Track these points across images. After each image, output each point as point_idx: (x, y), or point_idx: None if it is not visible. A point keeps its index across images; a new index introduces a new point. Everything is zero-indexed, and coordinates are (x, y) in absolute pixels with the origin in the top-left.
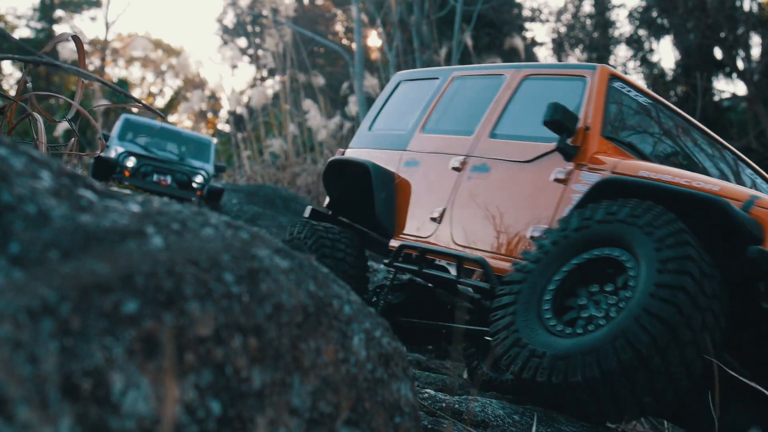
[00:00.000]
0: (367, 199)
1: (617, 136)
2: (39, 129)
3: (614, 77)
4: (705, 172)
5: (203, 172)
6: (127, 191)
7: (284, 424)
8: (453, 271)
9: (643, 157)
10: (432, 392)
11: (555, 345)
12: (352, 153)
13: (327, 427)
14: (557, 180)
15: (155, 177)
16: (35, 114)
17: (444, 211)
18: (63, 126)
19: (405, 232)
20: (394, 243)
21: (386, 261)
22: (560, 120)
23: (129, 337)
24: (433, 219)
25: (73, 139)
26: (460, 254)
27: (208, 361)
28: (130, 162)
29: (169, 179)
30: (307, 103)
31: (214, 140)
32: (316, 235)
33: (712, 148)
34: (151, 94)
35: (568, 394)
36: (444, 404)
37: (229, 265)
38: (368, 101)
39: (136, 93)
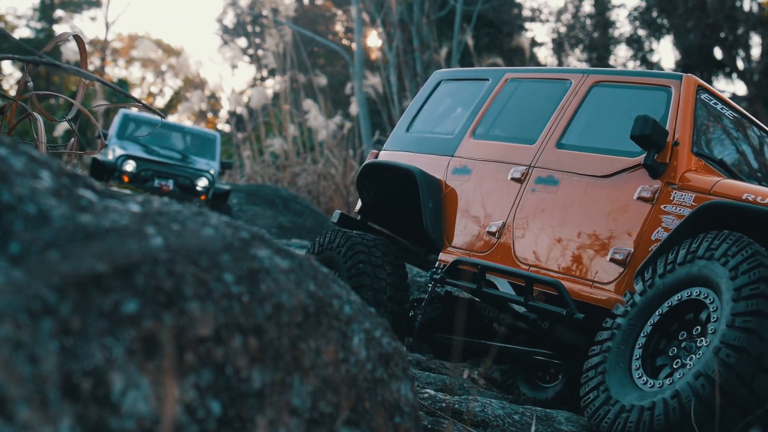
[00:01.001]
0: (404, 206)
1: (706, 152)
2: (39, 129)
3: (701, 88)
4: None
5: (208, 175)
6: (127, 191)
7: (284, 424)
8: (506, 289)
9: (733, 175)
10: (432, 392)
11: (644, 397)
12: (389, 156)
13: (327, 427)
14: (642, 198)
15: (156, 182)
16: (35, 114)
17: (504, 225)
18: (63, 126)
19: (454, 245)
20: (445, 257)
21: (435, 276)
22: (649, 135)
23: (129, 337)
24: (491, 233)
25: (72, 139)
26: (532, 275)
27: (208, 361)
28: (129, 166)
29: (171, 184)
30: (308, 103)
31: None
32: (350, 242)
33: None
34: (151, 94)
35: None
36: (444, 404)
37: (229, 265)
38: (368, 101)
39: (136, 93)
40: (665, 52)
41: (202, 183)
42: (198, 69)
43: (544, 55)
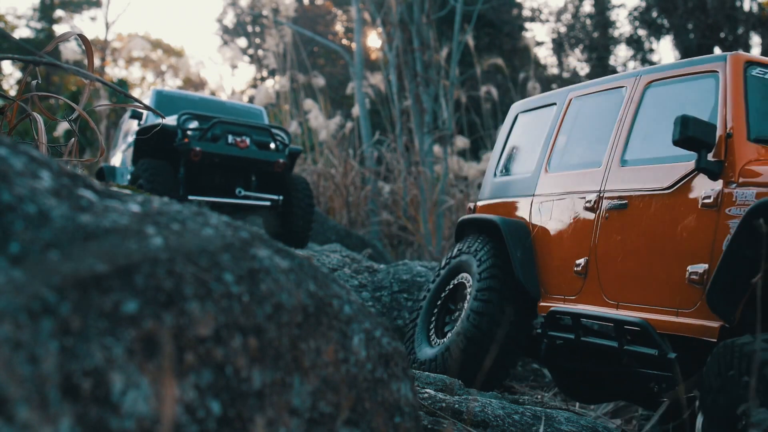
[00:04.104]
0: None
1: None
2: (39, 129)
3: (750, 63)
4: None
5: (283, 131)
6: (127, 191)
7: (284, 424)
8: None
9: None
10: (432, 392)
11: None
12: (482, 206)
13: (327, 427)
14: (706, 205)
15: (230, 138)
16: (35, 114)
17: (587, 262)
18: (63, 126)
19: (550, 292)
20: (544, 305)
21: (539, 329)
22: (692, 135)
23: (129, 337)
24: (578, 273)
25: (73, 139)
26: (618, 317)
27: (208, 361)
28: (193, 124)
29: (248, 140)
30: (308, 103)
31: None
32: (487, 247)
33: None
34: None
35: None
36: (444, 404)
37: (229, 265)
38: (368, 101)
39: (136, 93)
40: (665, 52)
41: (282, 136)
42: (198, 69)
43: (544, 54)
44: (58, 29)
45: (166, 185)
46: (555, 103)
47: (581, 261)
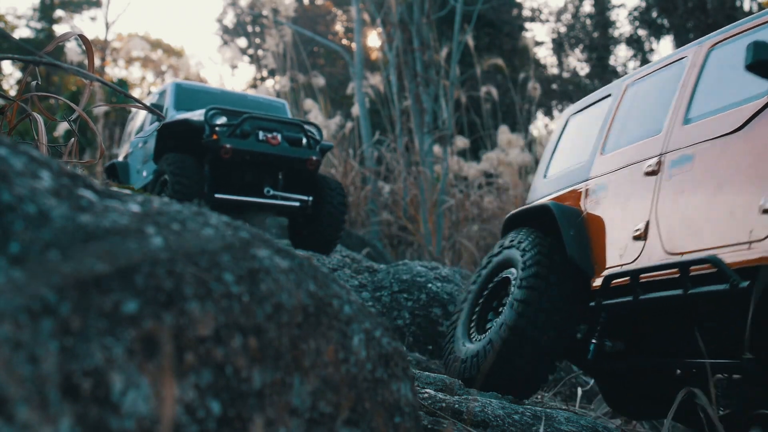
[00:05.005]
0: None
1: None
2: (39, 129)
3: None
4: None
5: (314, 127)
6: (127, 191)
7: (284, 424)
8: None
9: None
10: (432, 392)
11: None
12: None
13: (327, 427)
14: None
15: (261, 135)
16: (35, 114)
17: (648, 224)
18: (63, 126)
19: (606, 267)
20: (596, 282)
21: (592, 304)
22: (765, 59)
23: (129, 337)
24: (637, 237)
25: (72, 139)
26: (684, 260)
27: (208, 361)
28: (220, 119)
29: (278, 136)
30: (308, 103)
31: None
32: (532, 238)
33: None
34: (150, 94)
35: None
36: (444, 404)
37: (229, 265)
38: (369, 101)
39: (136, 93)
40: (665, 52)
41: (313, 131)
42: (198, 69)
43: (544, 54)
44: (58, 29)
45: (192, 181)
46: (610, 95)
47: (640, 225)
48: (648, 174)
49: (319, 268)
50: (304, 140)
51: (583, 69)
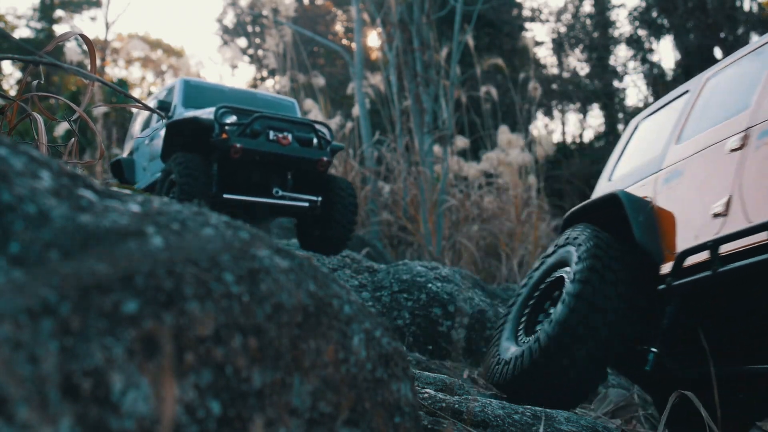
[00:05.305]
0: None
1: None
2: (39, 129)
3: None
4: None
5: (325, 127)
6: (127, 191)
7: (284, 424)
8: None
9: None
10: (432, 392)
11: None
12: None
13: (327, 427)
14: None
15: (272, 134)
16: (35, 114)
17: (730, 199)
18: (64, 126)
19: (678, 251)
20: (667, 266)
21: (662, 287)
22: None
23: (129, 337)
24: (717, 214)
25: (73, 139)
26: None
27: (208, 361)
28: (230, 118)
29: (289, 136)
30: (308, 103)
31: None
32: (589, 234)
33: None
34: (151, 94)
35: None
36: (444, 404)
37: (229, 265)
38: (369, 101)
39: (136, 93)
40: (665, 52)
41: (324, 132)
42: (198, 69)
43: (544, 54)
44: (58, 29)
45: (200, 181)
46: (687, 91)
47: (721, 201)
48: (732, 150)
49: (319, 268)
50: (315, 141)
51: (583, 69)
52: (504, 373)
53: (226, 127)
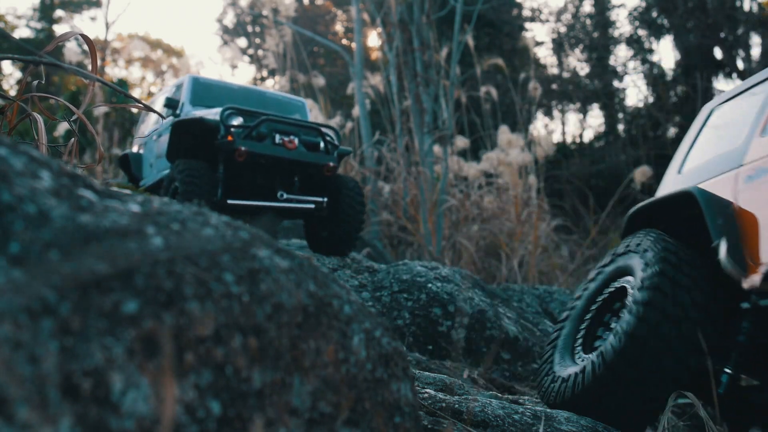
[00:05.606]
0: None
1: None
2: (39, 129)
3: None
4: None
5: (333, 132)
6: (127, 191)
7: (284, 424)
8: None
9: None
10: (432, 392)
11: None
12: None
13: (327, 427)
14: None
15: (278, 138)
16: (35, 114)
17: None
18: (63, 126)
19: (763, 261)
20: (753, 279)
21: (744, 305)
22: None
23: (129, 337)
24: None
25: (72, 139)
26: None
27: (208, 361)
28: (236, 120)
29: (296, 140)
30: (308, 103)
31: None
32: (659, 244)
33: None
34: (151, 94)
35: None
36: (444, 404)
37: (229, 265)
38: (369, 102)
39: (136, 93)
40: (665, 52)
41: (332, 136)
42: (198, 69)
43: (544, 54)
44: (58, 29)
45: (203, 189)
46: None
47: None
48: None
49: (319, 268)
50: (322, 145)
51: (583, 69)
52: (562, 391)
53: (232, 129)
